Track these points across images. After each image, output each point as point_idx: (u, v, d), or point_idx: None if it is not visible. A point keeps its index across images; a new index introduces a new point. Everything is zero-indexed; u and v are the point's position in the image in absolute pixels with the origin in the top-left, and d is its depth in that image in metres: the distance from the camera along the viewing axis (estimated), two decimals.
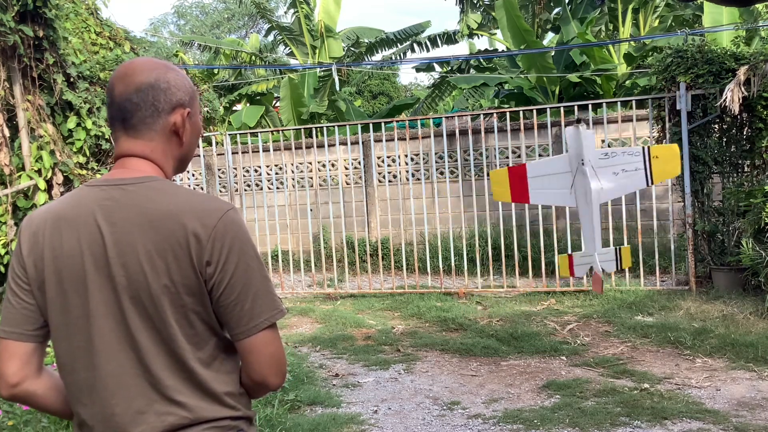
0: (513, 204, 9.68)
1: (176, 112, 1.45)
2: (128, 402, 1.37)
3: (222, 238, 1.36)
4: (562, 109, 8.98)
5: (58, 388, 1.47)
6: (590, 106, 10.10)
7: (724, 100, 7.53)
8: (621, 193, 4.38)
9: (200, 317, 1.38)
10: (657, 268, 8.60)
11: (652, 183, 4.21)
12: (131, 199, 1.38)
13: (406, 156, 11.22)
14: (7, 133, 6.83)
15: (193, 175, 11.41)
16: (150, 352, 1.36)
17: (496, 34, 17.02)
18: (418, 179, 11.65)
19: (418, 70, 18.33)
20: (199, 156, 10.51)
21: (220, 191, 12.62)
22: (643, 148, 4.09)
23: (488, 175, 10.39)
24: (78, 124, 7.18)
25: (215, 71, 18.16)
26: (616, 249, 4.78)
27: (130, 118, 1.44)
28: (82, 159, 7.24)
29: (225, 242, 1.36)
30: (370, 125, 10.06)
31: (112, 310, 1.36)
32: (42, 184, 6.84)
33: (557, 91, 14.46)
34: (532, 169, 4.14)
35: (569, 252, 9.10)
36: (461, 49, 47.18)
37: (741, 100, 7.50)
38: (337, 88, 15.59)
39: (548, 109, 9.20)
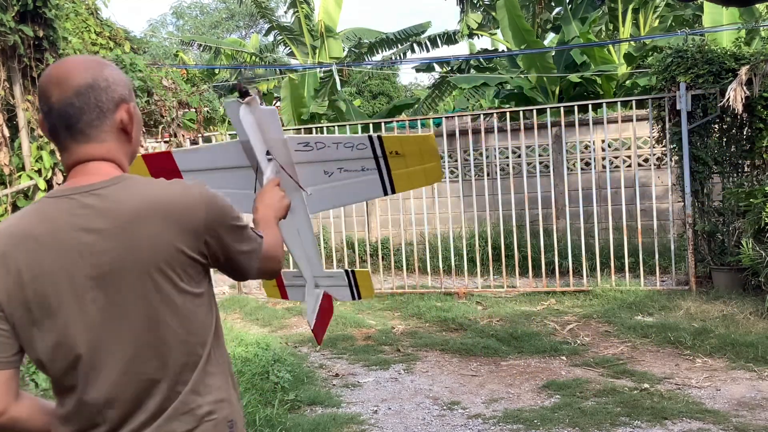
0: (513, 204, 9.69)
1: (121, 109, 1.41)
2: (127, 407, 1.35)
3: (211, 225, 1.40)
4: (562, 109, 8.98)
5: (38, 409, 1.43)
6: (590, 106, 10.11)
7: (727, 100, 7.52)
8: (343, 201, 2.76)
9: (192, 318, 1.39)
10: (657, 268, 8.60)
11: (394, 191, 2.54)
12: (109, 203, 1.33)
13: None
14: (7, 133, 6.82)
15: None
16: (143, 356, 1.35)
17: (496, 34, 17.01)
18: None
19: (418, 70, 18.33)
20: None
21: None
22: (371, 138, 2.45)
23: (488, 175, 10.37)
24: None
25: (216, 71, 18.16)
26: (347, 273, 3.20)
27: (76, 123, 1.37)
28: None
29: (213, 227, 1.40)
30: (370, 125, 10.05)
31: (105, 320, 1.33)
32: (42, 184, 6.83)
33: (557, 91, 14.46)
34: (184, 159, 2.63)
35: (569, 253, 9.13)
36: (461, 49, 47.19)
37: (744, 100, 7.49)
38: (338, 87, 15.58)
39: (548, 109, 9.20)
